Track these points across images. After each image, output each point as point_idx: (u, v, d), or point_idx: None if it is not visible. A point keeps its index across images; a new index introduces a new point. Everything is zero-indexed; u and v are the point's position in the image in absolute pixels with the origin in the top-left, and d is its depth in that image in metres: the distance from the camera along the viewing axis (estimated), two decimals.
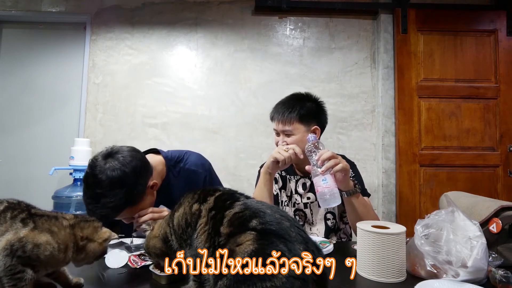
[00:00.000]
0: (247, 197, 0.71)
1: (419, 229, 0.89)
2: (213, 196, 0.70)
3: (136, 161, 1.02)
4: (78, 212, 2.33)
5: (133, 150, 1.07)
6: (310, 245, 0.60)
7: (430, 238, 0.87)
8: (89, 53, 2.73)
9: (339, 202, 1.05)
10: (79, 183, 2.44)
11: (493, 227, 0.94)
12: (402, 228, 0.87)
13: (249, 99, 2.70)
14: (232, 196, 0.70)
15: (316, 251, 0.60)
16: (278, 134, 1.34)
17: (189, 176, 1.26)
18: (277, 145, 1.31)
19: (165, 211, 1.09)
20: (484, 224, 0.95)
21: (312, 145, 1.10)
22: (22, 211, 0.67)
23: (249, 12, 2.74)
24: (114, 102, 2.70)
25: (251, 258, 0.54)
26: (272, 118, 1.35)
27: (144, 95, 2.69)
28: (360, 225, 0.90)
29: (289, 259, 0.54)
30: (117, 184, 0.96)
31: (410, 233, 0.94)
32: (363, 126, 2.68)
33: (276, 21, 2.75)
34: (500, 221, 0.93)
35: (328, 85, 2.69)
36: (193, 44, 2.74)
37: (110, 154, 1.02)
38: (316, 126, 1.32)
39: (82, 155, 2.45)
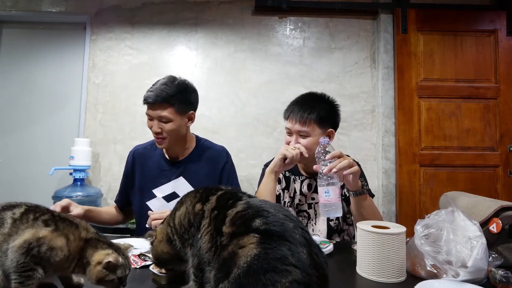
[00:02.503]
0: (250, 196, 0.71)
1: (419, 229, 0.89)
2: (215, 196, 0.69)
3: (196, 90, 1.40)
4: None
5: None
6: (313, 247, 0.60)
7: (430, 238, 0.87)
8: (89, 53, 2.73)
9: (340, 214, 1.07)
10: (79, 183, 2.44)
11: (493, 227, 0.94)
12: (402, 228, 0.87)
13: (249, 99, 2.69)
14: (235, 195, 0.69)
15: (319, 253, 0.60)
16: (290, 133, 1.30)
17: (213, 156, 1.43)
18: (288, 145, 1.30)
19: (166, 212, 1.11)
20: (484, 224, 0.95)
21: (322, 149, 1.10)
22: (43, 214, 0.68)
23: (249, 12, 2.74)
24: (114, 102, 2.70)
25: (254, 262, 0.54)
26: (286, 117, 1.31)
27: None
28: (360, 225, 0.90)
29: (292, 263, 0.54)
30: (180, 85, 1.32)
31: (410, 233, 0.94)
32: (363, 126, 2.68)
33: (276, 21, 2.75)
34: (500, 221, 0.93)
35: (328, 85, 2.69)
36: (193, 44, 2.74)
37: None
38: (331, 129, 1.31)
39: (82, 155, 2.45)
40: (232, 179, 1.43)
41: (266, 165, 1.45)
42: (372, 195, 1.33)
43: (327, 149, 1.10)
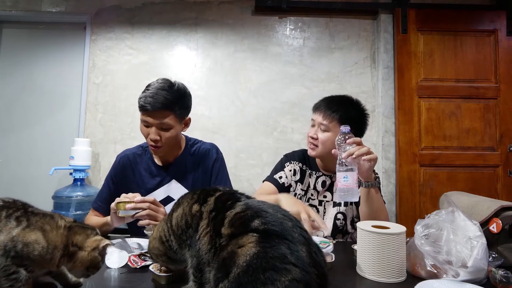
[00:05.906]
0: (248, 197, 0.71)
1: (419, 229, 0.89)
2: (213, 197, 0.69)
3: (191, 94, 1.38)
4: (78, 212, 2.33)
5: None
6: (312, 246, 0.60)
7: (430, 238, 0.87)
8: (89, 53, 2.73)
9: (356, 199, 1.11)
10: (79, 183, 2.44)
11: (493, 227, 0.94)
12: (402, 228, 0.87)
13: (249, 99, 2.69)
14: (233, 196, 0.69)
15: (318, 252, 0.60)
16: (314, 125, 1.34)
17: (202, 155, 1.41)
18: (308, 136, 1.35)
19: (161, 210, 1.12)
20: (484, 224, 0.95)
21: (342, 137, 1.13)
22: (17, 210, 0.66)
23: (249, 12, 2.74)
24: (114, 102, 2.70)
25: (253, 261, 0.54)
26: (314, 110, 1.36)
27: None
28: (360, 225, 0.90)
29: (291, 261, 0.54)
30: (180, 90, 1.29)
31: (410, 233, 0.94)
32: None
33: (276, 21, 2.75)
34: (500, 221, 0.93)
35: (328, 85, 2.69)
36: (193, 44, 2.74)
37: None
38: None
39: (82, 155, 2.45)
40: (221, 176, 1.39)
41: (286, 156, 1.48)
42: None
43: (347, 137, 1.12)
